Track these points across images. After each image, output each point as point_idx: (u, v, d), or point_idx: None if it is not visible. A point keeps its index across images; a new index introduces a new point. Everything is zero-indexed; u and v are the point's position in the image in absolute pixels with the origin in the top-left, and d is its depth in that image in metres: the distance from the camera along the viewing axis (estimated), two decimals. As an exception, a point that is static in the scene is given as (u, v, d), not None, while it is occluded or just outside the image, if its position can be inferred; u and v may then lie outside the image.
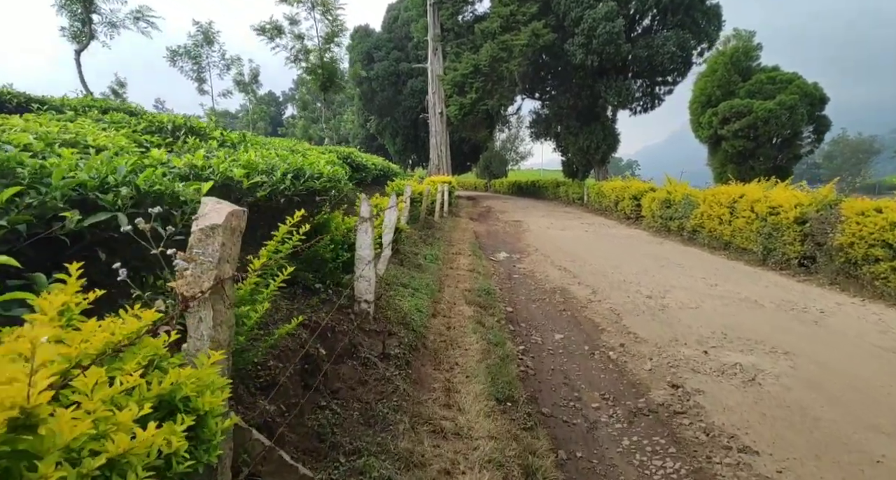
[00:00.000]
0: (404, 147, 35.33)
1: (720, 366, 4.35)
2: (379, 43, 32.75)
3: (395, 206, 5.76)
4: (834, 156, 73.65)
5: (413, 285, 6.15)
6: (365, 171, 9.73)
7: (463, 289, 6.81)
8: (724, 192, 10.81)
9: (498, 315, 5.83)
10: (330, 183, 3.57)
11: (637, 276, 8.21)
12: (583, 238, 13.19)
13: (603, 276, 8.26)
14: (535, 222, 17.29)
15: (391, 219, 5.71)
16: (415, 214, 10.96)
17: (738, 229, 10.02)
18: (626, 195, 16.95)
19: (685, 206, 12.76)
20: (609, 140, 24.16)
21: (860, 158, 70.77)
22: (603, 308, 6.39)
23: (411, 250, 8.55)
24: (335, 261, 3.74)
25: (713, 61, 21.70)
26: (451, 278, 7.53)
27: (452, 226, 14.56)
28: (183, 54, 35.56)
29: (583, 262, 9.56)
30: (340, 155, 8.87)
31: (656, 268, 8.92)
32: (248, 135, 6.12)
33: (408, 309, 4.98)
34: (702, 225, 11.66)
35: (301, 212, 2.37)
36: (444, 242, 10.98)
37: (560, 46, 22.18)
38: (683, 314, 6.00)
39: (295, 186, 3.22)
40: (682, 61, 22.29)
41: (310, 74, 22.81)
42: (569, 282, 7.91)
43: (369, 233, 3.63)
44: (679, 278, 8.07)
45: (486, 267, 8.76)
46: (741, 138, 20.34)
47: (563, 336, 5.46)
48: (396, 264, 7.08)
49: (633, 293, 7.09)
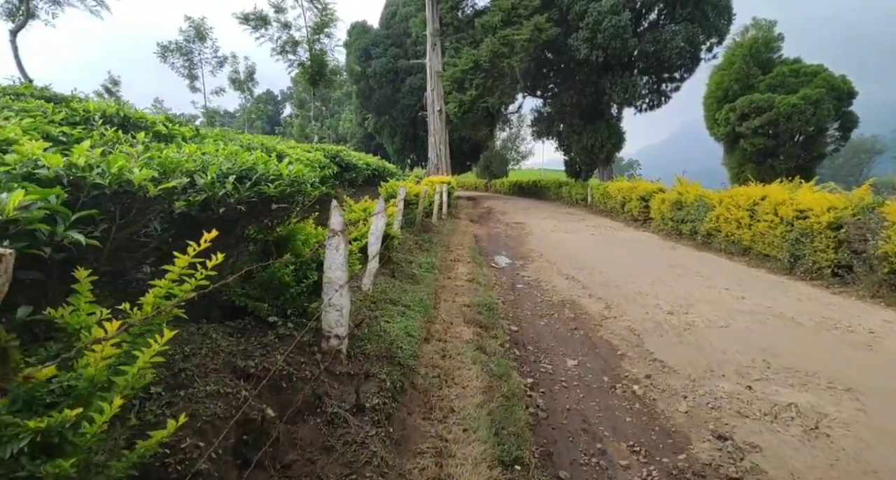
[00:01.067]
0: (403, 146, 34.53)
1: (771, 408, 3.60)
2: (377, 39, 31.95)
3: (384, 211, 5.02)
4: (835, 156, 72.80)
5: (404, 301, 5.40)
6: (355, 171, 8.98)
7: (461, 304, 6.06)
8: (743, 194, 10.06)
9: (501, 337, 5.08)
10: (292, 187, 2.82)
11: (653, 287, 7.46)
12: (589, 242, 12.44)
13: (616, 287, 7.51)
14: (538, 224, 16.54)
15: (379, 226, 4.96)
16: (410, 218, 10.21)
17: (759, 234, 9.26)
18: (633, 196, 16.20)
19: (698, 209, 12.01)
20: (614, 139, 23.34)
21: (862, 159, 69.96)
22: (620, 326, 5.64)
23: (405, 258, 7.81)
24: (299, 285, 2.99)
25: (730, 53, 20.39)
26: (448, 290, 6.78)
27: (451, 229, 13.81)
28: (174, 50, 34.70)
29: (592, 270, 8.81)
30: (328, 153, 8.13)
31: (673, 277, 8.17)
32: (206, 131, 5.38)
33: (396, 333, 4.23)
34: (717, 228, 10.91)
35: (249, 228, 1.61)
36: (442, 247, 10.23)
37: (563, 41, 21.37)
38: (713, 335, 5.24)
39: (239, 192, 2.46)
40: (690, 57, 21.44)
41: (298, 67, 21.87)
42: (578, 294, 7.16)
43: (342, 249, 2.87)
44: (700, 289, 7.32)
45: (486, 277, 8.01)
46: (761, 135, 19.00)
47: (576, 362, 4.71)
48: (387, 276, 6.33)
49: (651, 308, 6.33)
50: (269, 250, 3.20)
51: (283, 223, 3.29)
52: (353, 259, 3.88)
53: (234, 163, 2.59)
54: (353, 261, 3.85)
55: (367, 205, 6.81)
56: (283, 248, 3.23)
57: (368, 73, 31.57)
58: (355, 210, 6.67)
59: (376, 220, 4.94)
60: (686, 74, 22.80)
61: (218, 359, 2.39)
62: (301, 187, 2.97)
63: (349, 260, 3.71)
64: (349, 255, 3.67)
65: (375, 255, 4.95)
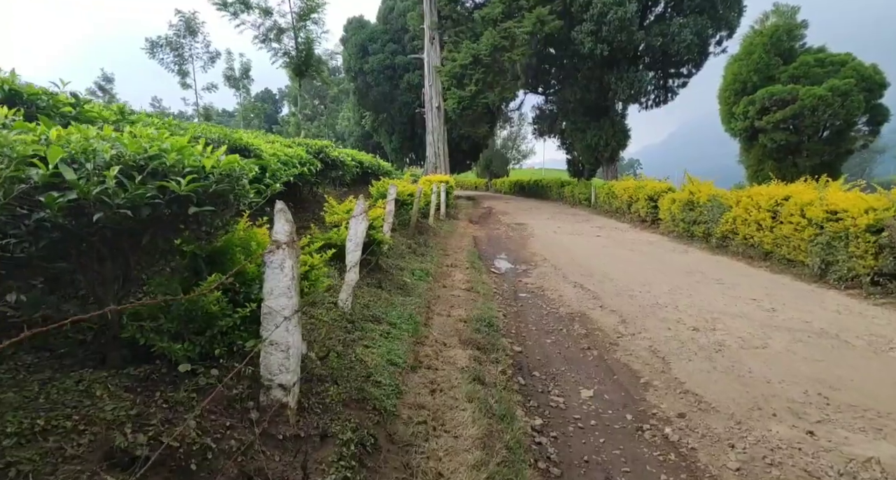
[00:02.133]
0: (401, 145, 33.75)
1: (846, 465, 2.85)
2: (374, 35, 31.16)
3: (365, 214, 4.27)
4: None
5: (390, 317, 4.65)
6: (342, 169, 8.22)
7: (457, 319, 5.31)
8: (763, 193, 9.30)
9: (503, 361, 4.33)
10: (220, 184, 2.06)
11: (671, 297, 6.71)
12: (596, 245, 11.69)
13: (629, 297, 6.76)
14: (541, 225, 15.79)
15: (358, 231, 4.21)
16: (403, 219, 9.47)
17: (782, 237, 8.51)
18: (640, 196, 15.44)
19: (712, 209, 11.25)
20: (619, 136, 22.51)
21: (864, 157, 69.00)
22: (639, 346, 4.89)
23: (395, 264, 7.06)
24: (233, 315, 2.23)
25: (748, 42, 19.02)
26: (442, 302, 6.03)
27: (449, 231, 13.07)
28: (164, 45, 33.79)
29: (601, 276, 8.07)
30: (312, 149, 7.37)
31: (691, 285, 7.42)
32: (143, 116, 4.63)
33: (375, 363, 3.48)
34: (734, 230, 10.15)
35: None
36: (439, 251, 9.49)
37: (567, 34, 20.55)
38: (750, 358, 4.49)
39: (129, 190, 1.70)
40: (698, 51, 20.58)
41: (283, 56, 20.95)
42: (589, 305, 6.41)
43: (288, 268, 2.12)
44: (723, 299, 6.57)
45: (486, 285, 7.26)
46: (782, 130, 17.56)
47: (592, 393, 3.97)
48: (373, 286, 5.59)
49: (672, 322, 5.58)
50: (199, 267, 2.44)
51: (223, 231, 2.53)
52: (320, 274, 3.13)
53: (122, 148, 1.83)
54: (319, 277, 3.10)
55: (351, 205, 6.06)
56: (218, 265, 2.47)
57: (366, 69, 30.80)
58: (337, 211, 5.92)
59: (355, 224, 4.19)
60: (694, 69, 21.96)
61: (88, 435, 1.63)
62: (234, 184, 2.21)
63: (316, 278, 2.96)
64: (313, 273, 2.93)
65: (355, 265, 4.21)
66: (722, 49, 21.34)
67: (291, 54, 20.53)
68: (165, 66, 34.35)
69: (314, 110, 51.92)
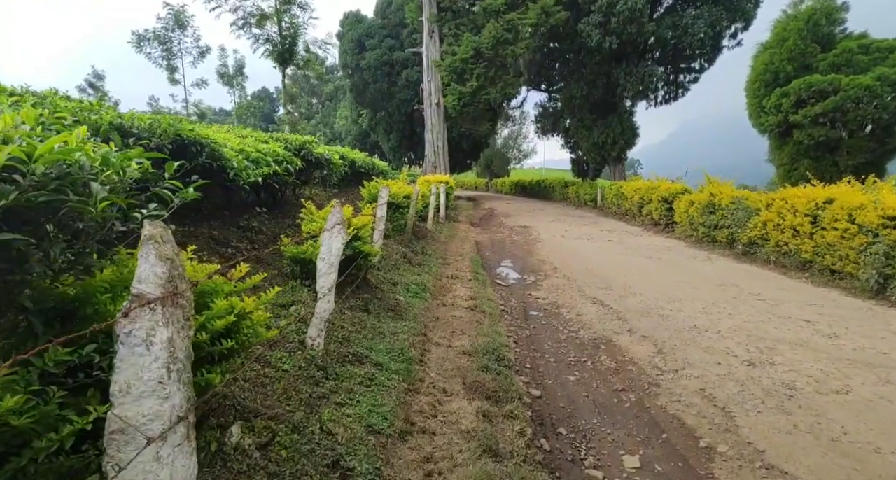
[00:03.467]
0: (399, 143, 32.73)
1: None
2: (371, 30, 30.14)
3: (341, 225, 3.30)
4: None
5: (376, 355, 3.68)
6: (328, 168, 7.25)
7: (459, 351, 4.35)
8: (800, 196, 8.34)
9: (519, 414, 3.36)
10: (51, 188, 1.06)
11: (709, 317, 5.75)
12: (609, 251, 10.72)
13: (660, 317, 5.80)
14: (546, 228, 14.83)
15: (333, 248, 3.25)
16: (398, 224, 8.50)
17: (826, 245, 7.55)
18: (653, 197, 14.48)
19: (737, 212, 10.30)
20: (627, 134, 21.46)
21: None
22: (687, 388, 3.93)
23: (387, 278, 6.09)
24: (59, 432, 1.25)
25: (781, 28, 17.27)
26: (442, 325, 5.06)
27: (449, 235, 12.10)
28: (152, 39, 32.57)
29: (622, 290, 7.11)
30: (292, 145, 6.39)
31: (728, 301, 6.46)
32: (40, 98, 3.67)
33: (349, 435, 2.52)
34: (764, 236, 9.20)
35: None
36: (438, 259, 8.52)
37: (573, 27, 19.53)
38: (836, 409, 3.53)
39: None
40: (711, 45, 19.56)
41: (265, 44, 19.73)
42: (614, 328, 5.45)
43: (159, 345, 1.15)
44: (771, 321, 5.61)
45: (492, 302, 6.29)
46: (821, 125, 15.92)
47: (638, 461, 3.02)
48: (358, 309, 4.62)
49: (720, 353, 4.62)
50: (35, 329, 1.46)
51: (80, 267, 1.55)
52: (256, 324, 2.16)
53: None
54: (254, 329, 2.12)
55: (324, 213, 5.09)
56: (72, 323, 1.49)
57: (362, 65, 29.79)
58: (317, 218, 4.95)
59: (329, 239, 3.22)
60: (706, 64, 20.93)
61: None
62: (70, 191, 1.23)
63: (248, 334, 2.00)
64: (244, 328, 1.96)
65: (328, 291, 3.24)
66: (737, 42, 20.31)
67: (275, 41, 19.31)
68: (153, 61, 33.18)
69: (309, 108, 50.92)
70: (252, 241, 5.29)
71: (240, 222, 5.44)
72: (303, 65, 21.79)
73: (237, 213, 5.64)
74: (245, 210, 5.78)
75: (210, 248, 4.39)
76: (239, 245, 4.94)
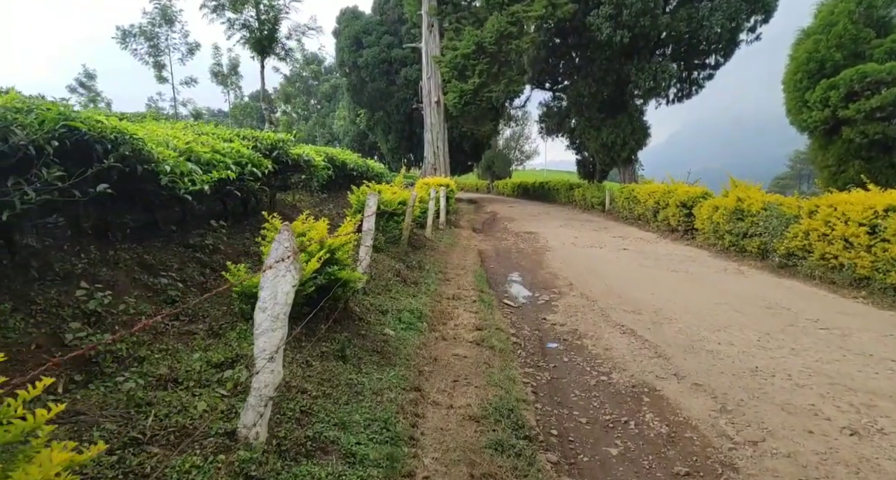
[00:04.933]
0: (398, 144, 31.66)
1: None
2: (369, 26, 29.09)
3: (292, 258, 2.24)
4: None
5: (346, 437, 2.62)
6: (308, 171, 6.18)
7: (464, 416, 3.28)
8: (853, 202, 7.28)
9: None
10: None
11: (770, 354, 4.69)
12: (627, 262, 9.66)
13: (709, 354, 4.74)
14: (555, 235, 13.77)
15: (278, 294, 2.19)
16: (392, 235, 7.43)
17: (889, 260, 6.48)
18: (670, 201, 13.41)
19: (769, 220, 9.23)
20: (638, 134, 20.33)
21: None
22: (776, 472, 2.86)
23: (375, 305, 5.03)
24: None
25: (828, 11, 15.15)
26: (440, 372, 4.00)
27: (450, 243, 11.05)
28: (137, 35, 31.38)
29: (653, 313, 6.06)
30: (262, 144, 5.33)
31: (784, 331, 5.40)
32: None
33: None
34: (807, 248, 8.13)
35: None
36: (437, 275, 7.47)
37: (581, 20, 18.43)
38: None
39: None
40: (728, 39, 18.43)
41: (241, 29, 18.40)
42: (655, 370, 4.39)
43: None
44: (851, 361, 4.54)
45: (502, 332, 5.23)
46: (877, 121, 13.72)
47: None
48: (331, 356, 3.56)
49: (805, 413, 3.56)
50: None
51: None
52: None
53: None
54: None
55: (308, 226, 4.02)
56: None
57: (360, 63, 28.75)
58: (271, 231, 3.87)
59: (271, 280, 2.17)
60: (722, 59, 19.79)
61: None
62: None
63: None
64: None
65: (270, 357, 2.19)
66: (755, 36, 19.20)
67: (252, 27, 18.00)
68: (139, 58, 32.02)
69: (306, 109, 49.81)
70: (205, 265, 4.22)
71: (190, 240, 4.38)
72: (284, 55, 20.41)
73: (190, 228, 4.58)
74: (200, 224, 4.72)
75: (134, 279, 3.33)
76: (183, 271, 3.87)
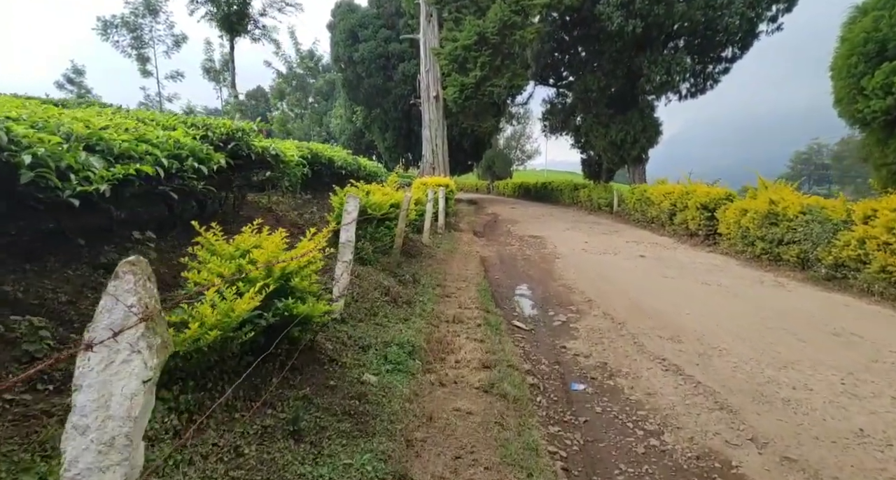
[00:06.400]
0: (395, 143, 30.53)
1: None
2: (365, 20, 27.99)
3: (145, 323, 1.11)
4: (843, 156, 68.84)
5: None
6: (276, 168, 5.08)
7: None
8: (924, 206, 6.20)
9: None
10: None
11: (865, 406, 3.62)
12: (647, 271, 8.57)
13: (787, 405, 3.65)
14: (562, 239, 12.69)
15: (114, 396, 1.06)
16: (381, 245, 6.33)
17: (976, 276, 5.40)
18: (689, 203, 12.33)
19: (813, 225, 8.16)
20: (649, 132, 19.22)
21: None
22: None
23: (354, 337, 3.94)
24: None
25: None
26: (435, 442, 2.91)
27: (449, 250, 9.96)
28: (119, 25, 30.07)
29: (696, 340, 4.99)
30: (215, 134, 4.24)
31: (869, 371, 4.32)
32: None
33: None
34: (862, 258, 7.06)
35: None
36: (434, 290, 6.37)
37: (590, 10, 17.34)
38: None
39: None
40: (746, 29, 17.33)
41: (204, 3, 17.05)
42: (724, 432, 3.30)
43: None
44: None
45: (514, 370, 4.14)
46: None
47: None
48: (278, 435, 2.46)
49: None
50: None
51: None
52: None
53: None
54: None
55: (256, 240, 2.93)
56: None
57: (356, 58, 27.62)
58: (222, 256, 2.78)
59: (93, 373, 1.06)
60: (739, 52, 18.67)
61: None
62: None
63: None
64: None
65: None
66: (776, 26, 18.06)
67: (219, 0, 16.59)
68: (121, 50, 30.76)
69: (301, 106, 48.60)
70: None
71: (103, 257, 3.28)
72: (259, 35, 18.94)
73: (104, 241, 3.48)
74: (119, 235, 3.62)
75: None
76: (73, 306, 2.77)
